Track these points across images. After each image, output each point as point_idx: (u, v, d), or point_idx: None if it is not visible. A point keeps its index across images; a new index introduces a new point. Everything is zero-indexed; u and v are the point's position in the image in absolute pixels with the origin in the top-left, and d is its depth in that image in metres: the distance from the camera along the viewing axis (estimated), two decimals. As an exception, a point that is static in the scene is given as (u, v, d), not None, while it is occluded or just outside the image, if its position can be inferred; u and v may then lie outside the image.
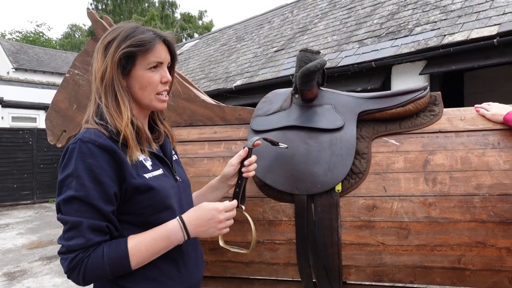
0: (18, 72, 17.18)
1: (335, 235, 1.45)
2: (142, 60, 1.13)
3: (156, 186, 1.11)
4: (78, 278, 1.02)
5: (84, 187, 1.01)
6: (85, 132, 1.07)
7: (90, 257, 1.01)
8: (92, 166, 1.03)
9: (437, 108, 1.60)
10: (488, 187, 1.37)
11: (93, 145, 1.04)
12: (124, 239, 1.07)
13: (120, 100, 1.11)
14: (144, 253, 1.07)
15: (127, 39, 1.11)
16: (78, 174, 1.02)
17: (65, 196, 1.02)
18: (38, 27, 35.11)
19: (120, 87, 1.11)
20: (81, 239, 1.01)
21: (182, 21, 26.60)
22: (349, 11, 8.20)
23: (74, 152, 1.04)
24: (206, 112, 1.84)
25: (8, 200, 10.63)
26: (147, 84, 1.15)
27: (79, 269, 1.01)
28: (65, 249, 1.02)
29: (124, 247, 1.05)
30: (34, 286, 4.61)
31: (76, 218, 1.01)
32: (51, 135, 2.08)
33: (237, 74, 8.52)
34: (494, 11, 5.14)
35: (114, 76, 1.10)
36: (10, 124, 11.99)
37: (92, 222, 1.02)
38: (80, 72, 1.99)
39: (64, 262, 1.02)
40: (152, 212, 1.12)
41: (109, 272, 1.04)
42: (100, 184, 1.03)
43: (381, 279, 1.50)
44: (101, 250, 1.03)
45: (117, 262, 1.04)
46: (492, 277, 1.41)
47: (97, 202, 1.02)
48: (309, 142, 1.53)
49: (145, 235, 1.09)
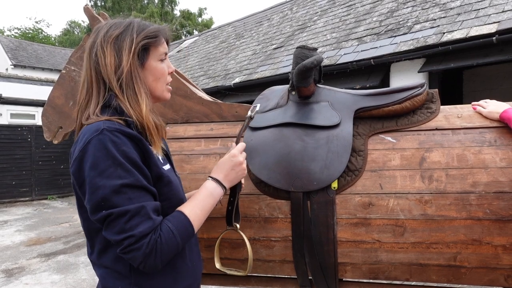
0: (16, 68, 17.15)
1: (331, 233, 1.44)
2: (155, 52, 1.15)
3: (172, 180, 1.15)
4: (156, 260, 0.99)
5: (131, 172, 0.99)
6: (104, 123, 1.02)
7: (161, 236, 1.01)
8: (127, 153, 1.01)
9: (434, 105, 1.59)
10: (484, 185, 1.36)
11: (120, 133, 1.01)
12: (176, 211, 1.10)
13: (138, 93, 1.09)
14: (200, 215, 1.13)
15: (141, 32, 1.12)
16: (120, 161, 0.98)
17: (112, 187, 0.96)
18: (37, 24, 34.93)
19: (138, 79, 1.10)
20: (149, 221, 0.99)
21: (181, 18, 26.54)
22: (348, 8, 8.18)
23: (105, 142, 0.98)
24: (202, 108, 1.83)
25: (6, 197, 10.62)
26: (160, 76, 1.17)
27: (156, 250, 0.99)
28: (135, 238, 0.96)
29: (184, 216, 1.08)
30: (32, 283, 4.61)
31: (136, 205, 0.98)
32: (47, 132, 2.07)
33: (236, 71, 8.51)
34: (493, 9, 5.13)
35: (133, 69, 1.09)
36: (9, 121, 11.98)
37: (151, 203, 1.02)
38: (76, 68, 1.98)
39: (137, 252, 0.97)
40: (169, 205, 1.12)
41: (181, 243, 1.05)
42: (140, 168, 1.03)
43: (377, 276, 1.50)
44: (167, 226, 1.03)
45: (184, 231, 1.06)
46: (488, 275, 1.41)
47: (146, 184, 1.02)
48: (306, 139, 1.52)
49: (194, 201, 1.14)
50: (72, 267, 5.13)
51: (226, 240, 1.57)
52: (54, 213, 9.18)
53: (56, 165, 11.63)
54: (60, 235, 6.93)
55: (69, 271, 4.98)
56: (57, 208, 9.93)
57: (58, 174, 11.65)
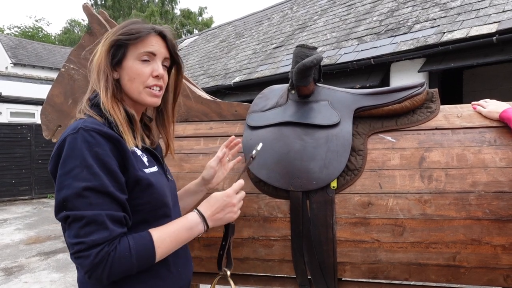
0: (16, 67, 17.13)
1: (330, 232, 1.44)
2: (133, 50, 1.11)
3: (154, 183, 1.09)
4: (103, 274, 0.94)
5: (97, 176, 0.95)
6: (83, 121, 1.01)
7: (116, 250, 0.95)
8: (99, 154, 0.97)
9: (433, 105, 1.59)
10: (484, 185, 1.36)
11: (96, 133, 0.99)
12: (146, 231, 1.04)
13: (102, 82, 1.08)
14: (168, 245, 1.05)
15: (120, 29, 1.12)
16: (88, 163, 0.95)
17: (75, 189, 0.94)
18: (37, 22, 34.98)
19: (102, 72, 1.09)
20: (105, 231, 0.94)
21: (181, 17, 26.52)
22: (348, 8, 8.18)
23: (77, 142, 0.97)
24: (202, 107, 1.83)
25: (6, 196, 10.62)
26: (135, 76, 1.11)
27: (105, 263, 0.93)
28: (86, 245, 0.92)
29: (149, 239, 1.02)
30: (31, 281, 4.60)
31: (94, 212, 0.94)
32: (46, 130, 2.06)
33: (236, 70, 8.50)
34: (493, 9, 5.13)
35: (102, 63, 1.09)
36: (9, 120, 11.97)
37: (111, 213, 0.96)
38: (75, 67, 1.97)
39: (85, 260, 0.93)
40: (150, 209, 1.08)
41: (136, 265, 0.99)
42: (111, 173, 0.98)
43: (376, 276, 1.50)
44: (127, 243, 0.97)
45: (144, 254, 1.00)
46: (487, 275, 1.40)
47: (112, 191, 0.97)
48: (305, 138, 1.52)
49: (168, 227, 1.07)
50: (71, 266, 5.13)
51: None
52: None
53: (54, 163, 11.62)
54: (60, 234, 6.92)
55: (69, 270, 4.97)
56: (56, 207, 9.92)
57: (57, 172, 11.64)
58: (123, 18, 23.37)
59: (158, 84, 1.15)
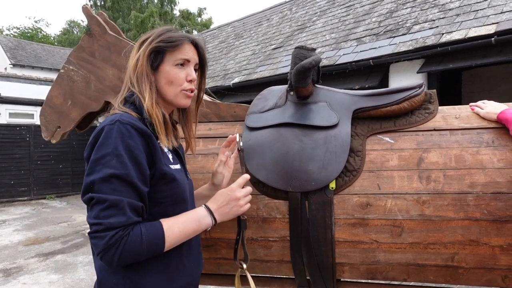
0: (15, 68, 17.11)
1: (329, 233, 1.44)
2: (170, 57, 1.21)
3: (178, 178, 1.18)
4: (114, 257, 1.01)
5: (125, 166, 1.03)
6: (121, 115, 1.10)
7: (129, 235, 1.02)
8: (130, 146, 1.06)
9: (432, 106, 1.59)
10: (482, 185, 1.36)
11: (131, 127, 1.08)
12: (157, 221, 1.11)
13: (145, 87, 1.18)
14: (177, 235, 1.12)
15: (159, 37, 1.21)
16: (119, 152, 1.04)
17: (103, 174, 1.02)
18: (36, 23, 34.90)
19: (145, 76, 1.19)
20: (122, 217, 1.02)
21: (181, 18, 26.49)
22: (347, 9, 8.19)
23: (113, 132, 1.05)
24: (201, 107, 1.83)
25: (4, 197, 10.61)
26: (173, 79, 1.22)
27: (117, 247, 1.01)
28: (103, 226, 1.00)
29: (160, 228, 1.09)
30: (30, 282, 4.60)
31: (116, 197, 1.01)
32: (45, 131, 2.07)
33: (235, 71, 8.51)
34: (492, 10, 5.14)
35: (144, 68, 1.19)
36: (8, 120, 11.94)
37: (131, 201, 1.04)
38: (75, 68, 1.98)
39: (100, 241, 1.00)
40: (171, 202, 1.16)
41: (146, 252, 1.05)
42: (138, 164, 1.06)
43: (375, 276, 1.50)
44: (139, 230, 1.05)
45: (154, 242, 1.06)
46: (485, 275, 1.41)
47: (136, 181, 1.05)
48: (304, 139, 1.52)
49: (178, 219, 1.15)
50: (70, 267, 5.13)
51: (223, 240, 1.57)
52: (53, 213, 9.17)
53: (54, 164, 11.62)
54: (59, 235, 6.92)
55: (67, 271, 4.97)
56: (55, 208, 9.91)
57: (56, 173, 11.64)
58: (122, 19, 23.37)
59: (191, 87, 1.27)
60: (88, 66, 1.94)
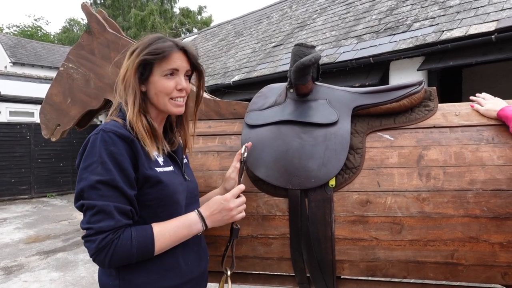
0: (15, 66, 17.10)
1: (329, 230, 1.44)
2: (159, 68, 1.22)
3: (164, 180, 1.19)
4: (105, 259, 1.06)
5: (109, 172, 1.08)
6: (106, 124, 1.16)
7: (119, 238, 1.07)
8: (114, 153, 1.10)
9: (432, 103, 1.59)
10: (482, 183, 1.36)
11: (113, 134, 1.12)
12: (148, 225, 1.15)
13: (129, 99, 1.21)
14: (168, 240, 1.16)
15: (146, 48, 1.21)
16: (103, 160, 1.08)
17: (90, 182, 1.07)
18: (36, 21, 34.86)
19: (131, 88, 1.20)
20: (111, 220, 1.06)
21: (181, 16, 26.45)
22: (347, 6, 8.17)
23: (97, 141, 1.11)
24: (200, 106, 1.83)
25: (5, 195, 10.61)
26: (161, 89, 1.23)
27: (108, 249, 1.05)
28: (94, 231, 1.05)
29: (150, 232, 1.13)
30: (31, 280, 4.61)
31: (103, 202, 1.06)
32: (45, 129, 2.07)
33: (235, 69, 8.50)
34: (492, 7, 5.13)
35: (130, 80, 1.21)
36: (8, 119, 11.95)
37: (118, 205, 1.08)
38: (74, 66, 1.98)
39: (91, 244, 1.06)
40: (159, 204, 1.18)
41: (135, 255, 1.10)
42: (123, 169, 1.10)
43: (375, 274, 1.50)
44: (130, 233, 1.09)
45: (144, 245, 1.11)
46: (485, 272, 1.41)
47: (122, 186, 1.09)
48: (303, 136, 1.52)
49: (169, 223, 1.18)
50: (71, 265, 5.14)
51: (223, 238, 1.57)
52: (53, 211, 9.18)
53: (55, 163, 11.62)
54: (59, 233, 6.93)
55: (68, 269, 4.98)
56: (56, 206, 9.93)
57: (57, 172, 11.65)
58: (122, 17, 23.34)
59: (181, 95, 1.28)
60: (87, 64, 1.94)
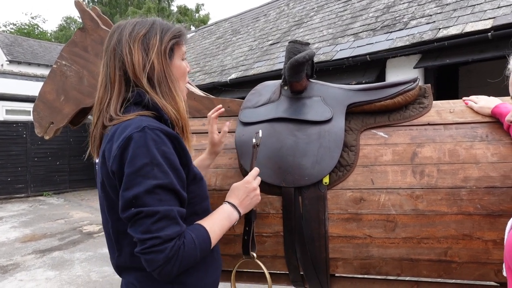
0: (12, 64, 17.03)
1: (322, 228, 1.44)
2: (179, 51, 1.16)
3: (202, 176, 1.17)
4: (173, 268, 0.96)
5: (167, 174, 0.98)
6: (146, 121, 1.02)
7: (185, 244, 0.98)
8: (166, 153, 1.00)
9: (426, 100, 1.59)
10: (475, 180, 1.36)
11: (160, 132, 1.00)
12: (197, 224, 1.08)
13: (174, 91, 1.11)
14: (218, 234, 1.11)
15: (168, 31, 1.13)
16: (158, 162, 0.97)
17: (146, 186, 0.95)
18: (32, 19, 34.76)
19: (172, 77, 1.12)
20: (177, 226, 0.97)
21: (178, 14, 26.38)
22: (344, 4, 8.17)
23: (145, 140, 0.97)
24: (194, 104, 1.82)
25: (2, 194, 10.58)
26: (183, 74, 1.18)
27: (177, 257, 0.95)
28: (161, 239, 0.93)
29: (204, 230, 1.07)
30: (27, 279, 4.59)
31: (166, 207, 0.96)
32: (38, 127, 2.05)
33: (232, 67, 8.48)
34: (489, 5, 5.13)
35: (165, 67, 1.11)
36: (4, 117, 11.89)
37: (179, 209, 1.01)
38: (67, 63, 1.96)
39: (158, 255, 0.93)
40: (199, 201, 1.15)
41: (199, 256, 1.02)
42: (177, 170, 1.02)
43: (368, 271, 1.50)
44: (190, 236, 1.01)
45: (204, 245, 1.04)
46: (478, 270, 1.41)
47: (178, 188, 1.01)
48: (297, 134, 1.51)
49: (212, 218, 1.13)
50: (67, 264, 5.12)
51: (217, 236, 1.57)
52: (50, 210, 9.15)
53: (51, 161, 11.59)
54: (56, 232, 6.91)
55: (64, 268, 4.97)
56: (52, 205, 9.89)
57: (53, 170, 11.61)
58: (120, 15, 23.25)
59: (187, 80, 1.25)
60: (81, 61, 1.93)
